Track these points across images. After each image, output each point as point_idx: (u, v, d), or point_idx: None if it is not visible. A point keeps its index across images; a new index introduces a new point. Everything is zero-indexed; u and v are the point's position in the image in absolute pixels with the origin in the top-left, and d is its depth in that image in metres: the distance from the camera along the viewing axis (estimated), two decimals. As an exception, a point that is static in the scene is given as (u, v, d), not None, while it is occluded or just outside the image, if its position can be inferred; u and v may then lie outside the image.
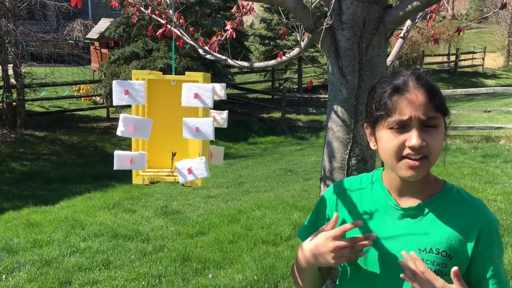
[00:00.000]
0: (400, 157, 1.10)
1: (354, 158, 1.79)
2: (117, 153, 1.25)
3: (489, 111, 11.02)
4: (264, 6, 18.11)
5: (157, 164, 1.39)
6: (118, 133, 1.22)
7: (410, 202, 1.18)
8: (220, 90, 1.32)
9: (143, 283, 3.80)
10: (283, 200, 5.94)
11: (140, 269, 4.04)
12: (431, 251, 1.13)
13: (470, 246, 1.13)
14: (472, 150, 9.22)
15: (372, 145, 1.20)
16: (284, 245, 4.51)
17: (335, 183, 1.33)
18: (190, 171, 1.20)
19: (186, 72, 1.28)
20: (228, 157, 10.59)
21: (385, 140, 1.12)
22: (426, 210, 1.16)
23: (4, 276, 3.98)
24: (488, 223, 1.15)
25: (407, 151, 1.09)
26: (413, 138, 1.07)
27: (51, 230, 5.11)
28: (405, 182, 1.16)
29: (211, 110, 1.34)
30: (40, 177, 9.37)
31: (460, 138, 10.48)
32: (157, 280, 3.87)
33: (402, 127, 1.09)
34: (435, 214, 1.15)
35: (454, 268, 1.05)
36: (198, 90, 1.17)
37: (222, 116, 1.39)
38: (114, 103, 1.22)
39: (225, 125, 1.40)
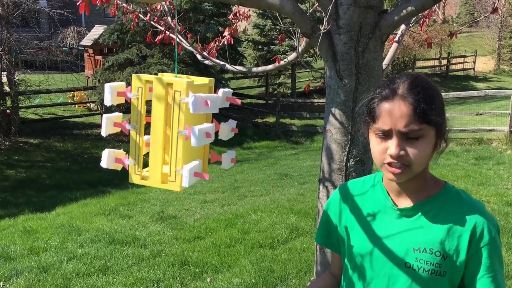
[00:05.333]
0: (382, 163, 1.13)
1: (352, 159, 1.83)
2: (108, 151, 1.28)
3: (481, 114, 11.13)
4: (258, 11, 18.21)
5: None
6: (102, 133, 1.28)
7: (407, 202, 1.19)
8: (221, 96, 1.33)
9: (142, 288, 3.81)
10: (279, 204, 5.96)
11: (138, 274, 4.04)
12: (424, 250, 1.14)
13: (464, 246, 1.13)
14: (465, 153, 9.30)
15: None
16: (281, 248, 4.54)
17: (340, 185, 1.36)
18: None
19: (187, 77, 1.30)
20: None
21: (372, 144, 1.15)
22: (422, 211, 1.17)
23: (1, 283, 3.97)
24: (482, 224, 1.13)
25: (388, 158, 1.11)
26: (392, 147, 1.09)
27: (47, 236, 5.10)
28: (400, 183, 1.18)
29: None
30: (35, 184, 9.33)
31: (453, 141, 10.58)
32: (155, 285, 3.87)
33: (385, 134, 1.11)
34: (431, 215, 1.16)
35: None
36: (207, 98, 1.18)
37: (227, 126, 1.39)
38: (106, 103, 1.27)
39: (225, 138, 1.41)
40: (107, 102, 1.23)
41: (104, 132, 1.26)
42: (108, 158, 1.25)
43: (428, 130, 1.09)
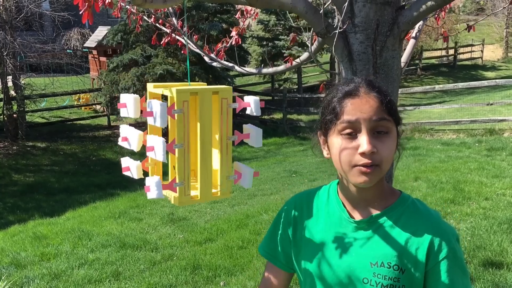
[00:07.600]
0: (352, 165, 1.06)
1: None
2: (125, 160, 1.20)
3: (491, 104, 10.96)
4: (261, 7, 18.08)
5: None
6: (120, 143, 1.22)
7: (364, 214, 1.14)
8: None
9: (155, 293, 3.76)
10: (290, 203, 5.89)
11: (150, 279, 3.99)
12: (382, 265, 1.09)
13: (422, 259, 1.08)
14: (477, 144, 9.16)
15: (325, 154, 1.16)
16: (295, 249, 4.47)
17: (294, 196, 1.30)
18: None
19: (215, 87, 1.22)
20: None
21: (336, 147, 1.09)
22: (379, 223, 1.12)
23: (13, 292, 3.94)
24: (440, 235, 1.09)
25: (358, 159, 1.05)
26: (364, 144, 1.03)
27: (58, 242, 5.07)
28: (359, 193, 1.13)
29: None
30: (44, 188, 9.33)
31: (464, 132, 10.43)
32: (168, 290, 3.82)
33: (353, 132, 1.05)
34: (387, 227, 1.12)
35: None
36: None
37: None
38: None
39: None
40: (133, 114, 1.15)
41: (136, 147, 1.15)
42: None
43: (393, 126, 1.08)
